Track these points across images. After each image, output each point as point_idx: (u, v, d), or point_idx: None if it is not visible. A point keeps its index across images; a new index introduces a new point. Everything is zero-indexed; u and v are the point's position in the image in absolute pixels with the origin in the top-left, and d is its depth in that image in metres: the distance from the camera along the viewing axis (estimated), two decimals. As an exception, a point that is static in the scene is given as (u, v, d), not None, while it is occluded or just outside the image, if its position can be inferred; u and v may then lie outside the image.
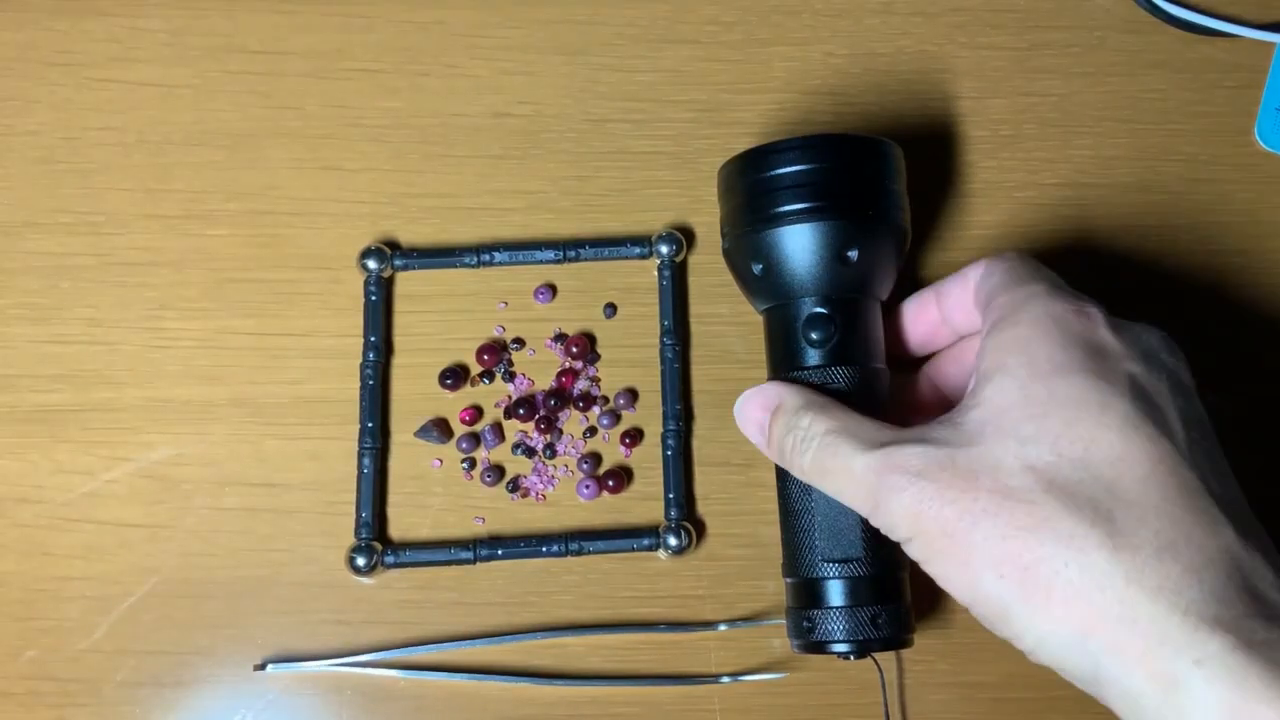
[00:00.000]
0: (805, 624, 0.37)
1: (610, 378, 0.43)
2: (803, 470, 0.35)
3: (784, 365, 0.38)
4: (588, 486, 0.42)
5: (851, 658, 0.37)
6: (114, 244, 0.44)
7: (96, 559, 0.41)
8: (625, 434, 0.43)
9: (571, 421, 0.43)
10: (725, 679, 0.40)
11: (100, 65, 0.46)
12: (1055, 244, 0.45)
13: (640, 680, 0.41)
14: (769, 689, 0.41)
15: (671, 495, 0.42)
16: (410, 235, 0.44)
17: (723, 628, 0.41)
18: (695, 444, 0.43)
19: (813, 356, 0.38)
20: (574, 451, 0.43)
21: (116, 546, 0.41)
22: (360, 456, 0.42)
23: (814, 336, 0.38)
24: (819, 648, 0.37)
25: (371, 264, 0.43)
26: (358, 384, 0.43)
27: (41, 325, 0.43)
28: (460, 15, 0.46)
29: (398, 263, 0.43)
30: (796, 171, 0.37)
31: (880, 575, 0.36)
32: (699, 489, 0.43)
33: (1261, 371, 0.44)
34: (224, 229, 0.44)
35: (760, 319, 0.40)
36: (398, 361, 0.43)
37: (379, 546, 0.41)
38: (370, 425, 0.42)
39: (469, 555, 0.41)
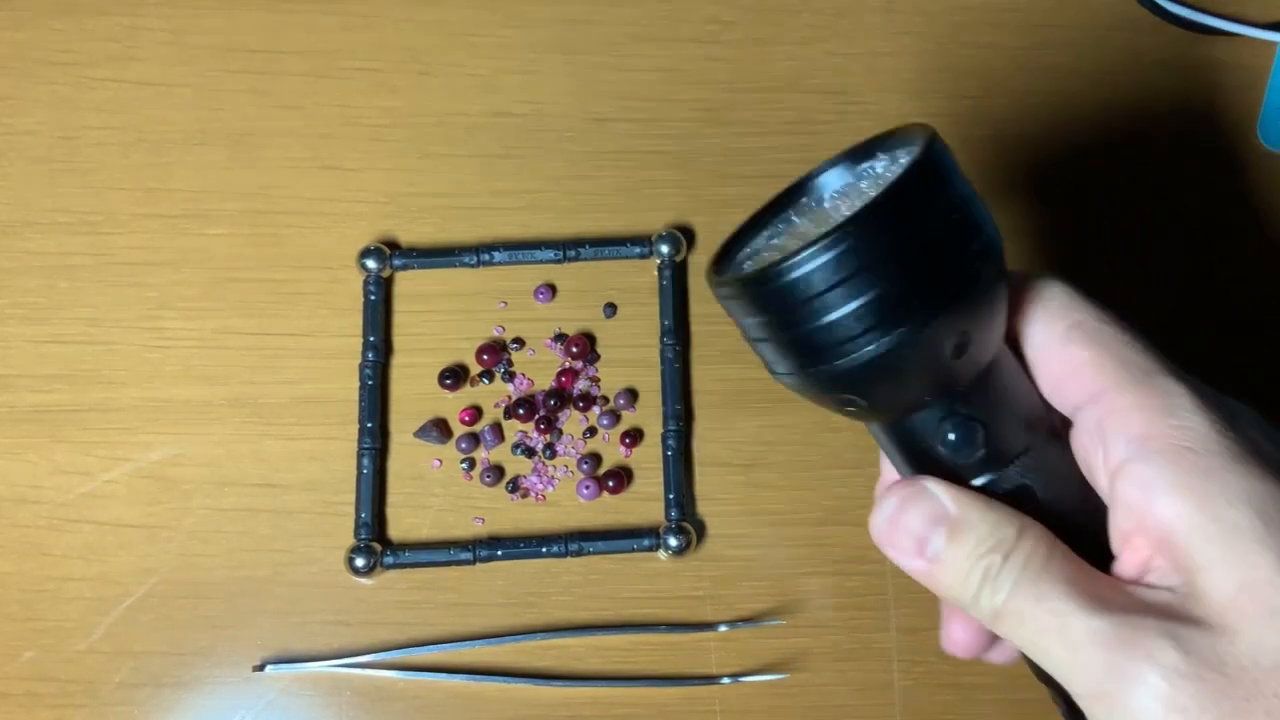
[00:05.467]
0: None
1: (610, 378, 0.43)
2: (990, 611, 0.26)
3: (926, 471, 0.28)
4: (588, 487, 0.42)
5: None
6: (113, 244, 0.44)
7: (95, 559, 0.41)
8: (625, 434, 0.43)
9: (571, 421, 0.43)
10: (725, 679, 0.40)
11: (100, 65, 0.46)
12: (1055, 244, 0.45)
13: (640, 681, 0.40)
14: (769, 689, 0.41)
15: (671, 495, 0.42)
16: (410, 235, 0.44)
17: (723, 628, 0.41)
18: (695, 444, 0.43)
19: (968, 468, 0.28)
20: (574, 452, 0.43)
21: (115, 547, 0.41)
22: (360, 457, 0.42)
23: (957, 448, 0.27)
24: None
25: (371, 264, 0.43)
26: (357, 384, 0.42)
27: (40, 325, 0.43)
28: (460, 14, 0.46)
29: (397, 262, 0.43)
30: (841, 277, 0.25)
31: None
32: (699, 489, 0.42)
33: (1262, 372, 0.44)
34: (223, 229, 0.44)
35: None
36: (397, 361, 0.43)
37: (378, 547, 0.41)
38: (370, 425, 0.42)
39: (469, 556, 0.41)
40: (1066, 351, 0.27)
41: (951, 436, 0.27)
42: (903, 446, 0.28)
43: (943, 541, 0.27)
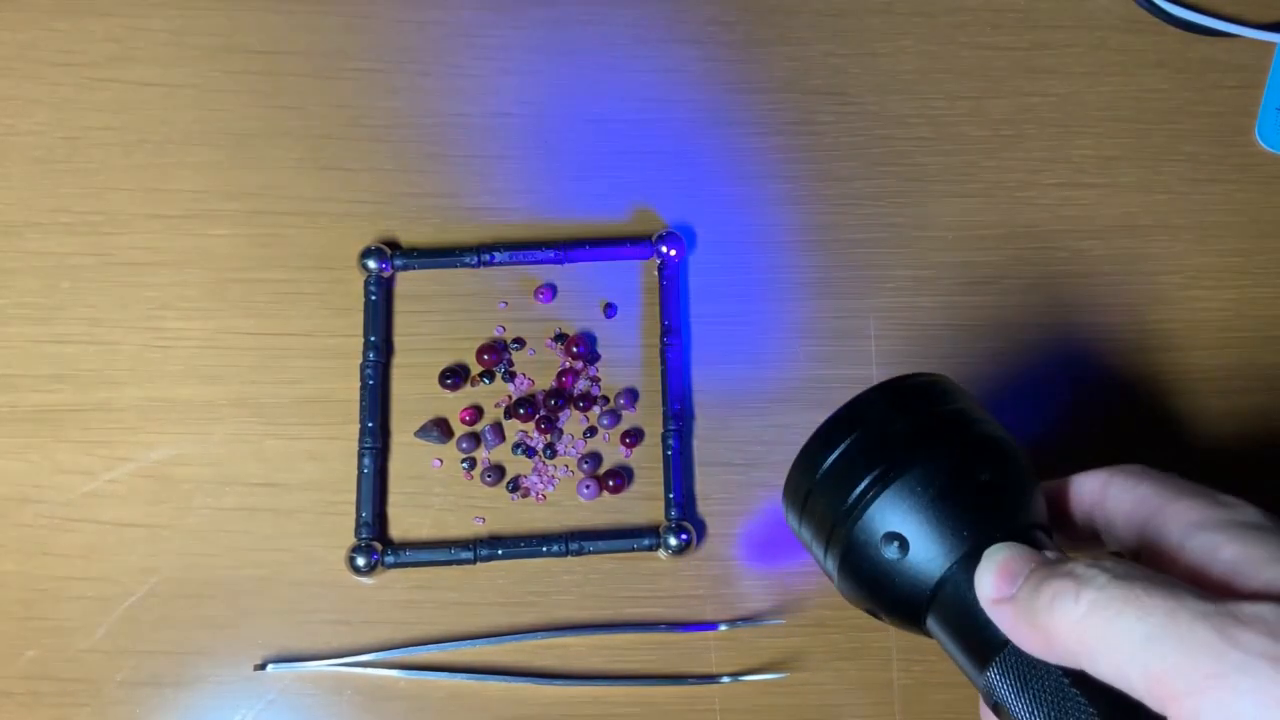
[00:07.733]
0: None
1: (610, 378, 0.43)
2: (1072, 620, 0.26)
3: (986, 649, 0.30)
4: (588, 486, 0.42)
5: None
6: (114, 244, 0.44)
7: (96, 559, 0.41)
8: (625, 434, 0.43)
9: (572, 421, 0.43)
10: (725, 679, 0.40)
11: (100, 65, 0.46)
12: (1055, 244, 0.45)
13: (640, 680, 0.41)
14: (769, 689, 0.41)
15: (672, 495, 0.42)
16: (410, 235, 0.44)
17: (723, 628, 0.41)
18: (695, 444, 0.43)
19: None
20: (574, 451, 0.43)
21: (116, 546, 0.41)
22: (360, 456, 0.42)
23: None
24: None
25: (372, 264, 0.43)
26: (358, 384, 0.43)
27: (42, 325, 0.43)
28: (460, 15, 0.46)
29: (398, 263, 0.43)
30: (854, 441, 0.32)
31: None
32: (699, 489, 0.43)
33: (1261, 372, 0.44)
34: (225, 229, 0.44)
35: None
36: (398, 361, 0.43)
37: (379, 546, 0.41)
38: (370, 425, 0.42)
39: (469, 555, 0.41)
40: (1139, 490, 0.31)
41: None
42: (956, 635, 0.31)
43: (1028, 570, 0.29)
